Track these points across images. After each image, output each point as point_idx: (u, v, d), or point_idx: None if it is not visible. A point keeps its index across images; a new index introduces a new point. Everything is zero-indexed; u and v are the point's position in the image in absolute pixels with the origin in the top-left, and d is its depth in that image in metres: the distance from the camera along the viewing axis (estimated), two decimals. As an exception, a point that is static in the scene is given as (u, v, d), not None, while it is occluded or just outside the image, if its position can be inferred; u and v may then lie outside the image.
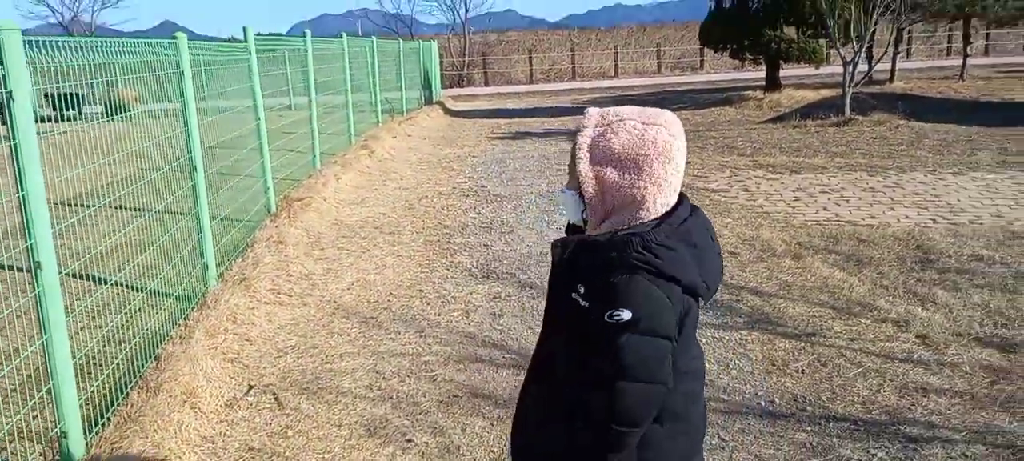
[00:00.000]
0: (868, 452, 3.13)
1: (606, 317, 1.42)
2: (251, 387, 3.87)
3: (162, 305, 4.41)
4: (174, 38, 4.98)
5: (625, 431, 1.47)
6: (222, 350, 4.18)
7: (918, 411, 3.43)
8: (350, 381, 3.98)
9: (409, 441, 3.37)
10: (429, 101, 20.80)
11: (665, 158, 1.49)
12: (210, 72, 6.39)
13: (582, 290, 1.49)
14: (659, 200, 1.50)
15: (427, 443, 3.35)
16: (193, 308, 4.61)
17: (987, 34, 30.20)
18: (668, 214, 1.53)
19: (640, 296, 1.42)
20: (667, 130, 1.50)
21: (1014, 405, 3.41)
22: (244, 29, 7.35)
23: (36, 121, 2.85)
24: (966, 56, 20.39)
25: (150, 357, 3.87)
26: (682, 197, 1.57)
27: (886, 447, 3.16)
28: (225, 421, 3.56)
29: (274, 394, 3.83)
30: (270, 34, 8.13)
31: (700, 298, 1.53)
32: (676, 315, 1.47)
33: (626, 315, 1.41)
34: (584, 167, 1.52)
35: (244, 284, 5.05)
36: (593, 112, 1.57)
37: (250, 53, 7.07)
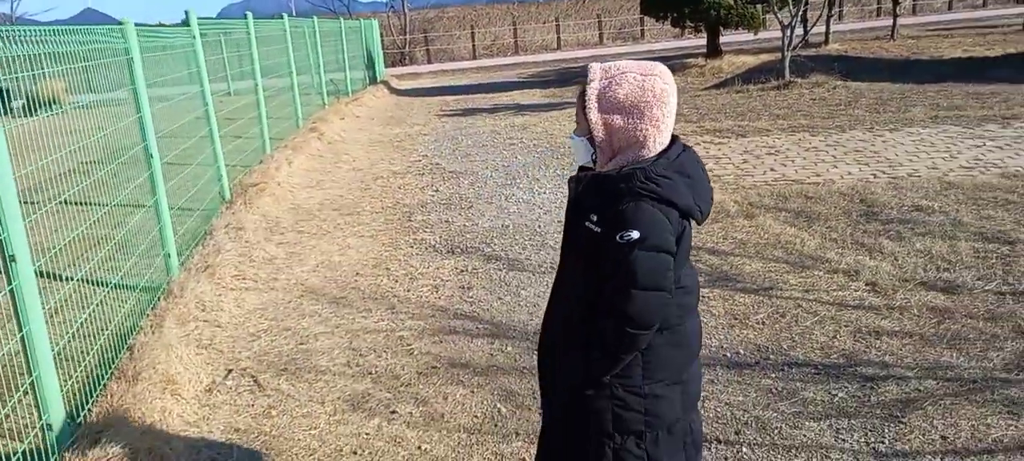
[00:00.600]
0: (829, 392, 3.34)
1: (618, 238, 1.67)
2: (229, 371, 3.88)
3: (128, 298, 4.35)
4: (121, 24, 4.87)
5: (637, 333, 1.72)
6: (194, 337, 4.17)
7: (872, 353, 3.65)
8: (327, 360, 4.02)
9: (393, 412, 3.44)
10: (373, 81, 20.57)
11: (662, 103, 1.73)
12: (155, 59, 6.25)
13: (595, 218, 1.73)
14: (657, 140, 1.75)
15: (411, 413, 3.43)
16: (160, 298, 4.56)
17: (913, -5, 31.29)
18: (664, 151, 1.77)
19: (645, 218, 1.67)
20: (661, 79, 1.75)
21: (959, 342, 3.67)
22: (186, 12, 7.19)
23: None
24: (896, 16, 21.14)
25: (122, 349, 3.84)
26: (674, 137, 1.81)
27: (845, 387, 3.37)
28: (207, 406, 3.57)
29: (253, 377, 3.85)
30: (201, 18, 7.90)
31: (693, 220, 1.79)
32: (674, 234, 1.72)
33: (635, 234, 1.66)
34: (594, 115, 1.75)
35: (208, 272, 5.01)
36: (597, 67, 1.78)
37: (194, 37, 6.93)
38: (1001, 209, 5.52)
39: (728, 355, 3.75)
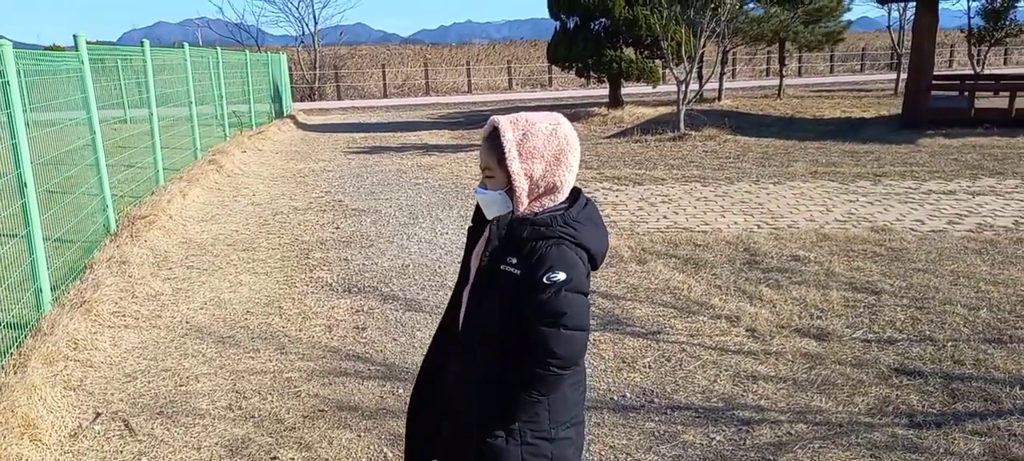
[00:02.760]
0: (708, 436, 3.47)
1: (544, 279, 1.74)
2: (98, 415, 3.66)
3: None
4: (-2, 45, 4.62)
5: (563, 373, 1.80)
6: (63, 378, 3.92)
7: (749, 397, 3.82)
8: (207, 403, 3.86)
9: (274, 459, 3.33)
10: (280, 114, 20.15)
11: (574, 149, 1.85)
12: (37, 83, 5.94)
13: (513, 261, 1.79)
14: (569, 182, 1.85)
15: (293, 459, 3.33)
16: (26, 336, 4.27)
17: (800, 57, 33.53)
18: (573, 199, 1.88)
19: (568, 260, 1.76)
20: (567, 127, 1.85)
21: (828, 387, 3.89)
22: (75, 36, 6.88)
23: None
24: (782, 76, 22.57)
25: (-21, 390, 3.56)
26: (576, 188, 1.92)
27: (723, 430, 3.51)
28: (70, 452, 3.35)
29: (124, 420, 3.64)
30: (99, 42, 7.60)
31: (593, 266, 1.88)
32: (587, 277, 1.83)
33: (561, 276, 1.74)
34: (515, 165, 1.80)
35: (84, 308, 4.74)
36: (501, 120, 1.85)
37: (82, 62, 6.63)
38: (870, 261, 5.92)
39: (615, 398, 3.84)
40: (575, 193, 1.90)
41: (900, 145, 12.05)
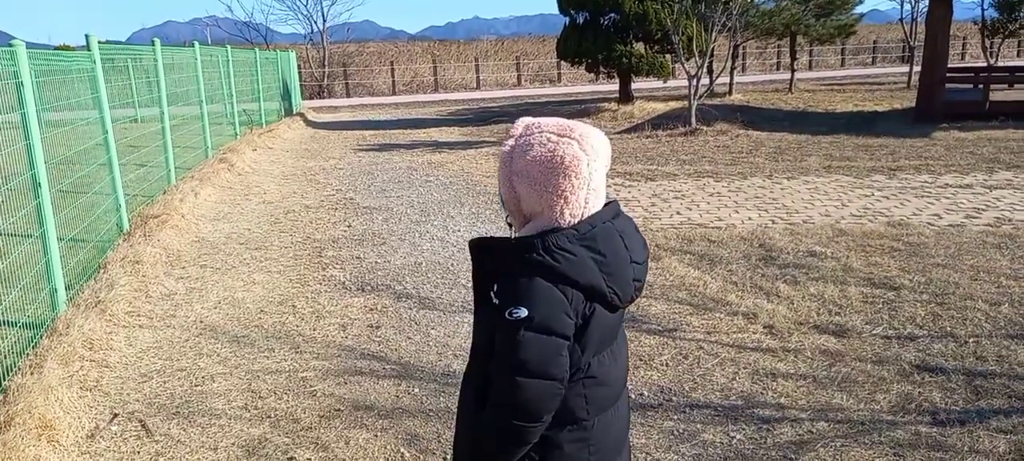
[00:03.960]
0: (728, 434, 3.43)
1: (507, 314, 1.50)
2: (115, 415, 3.65)
3: (7, 335, 4.06)
4: (11, 46, 4.62)
5: (523, 426, 1.53)
6: (79, 378, 3.92)
7: (769, 395, 3.78)
8: (223, 402, 3.85)
9: (291, 459, 3.32)
10: (289, 112, 20.18)
11: (571, 173, 1.54)
12: (49, 83, 5.95)
13: (496, 288, 1.56)
14: (566, 212, 1.56)
15: (310, 459, 3.31)
16: (42, 336, 4.27)
17: (810, 50, 33.31)
18: (591, 218, 1.59)
19: (536, 296, 1.50)
20: (577, 145, 1.55)
21: (849, 384, 3.84)
22: (87, 36, 6.89)
23: None
24: (793, 70, 22.40)
25: (-4, 391, 3.56)
26: (611, 203, 1.65)
27: (743, 429, 3.47)
28: (87, 453, 3.35)
29: (141, 421, 3.64)
30: (109, 42, 7.62)
31: (611, 304, 1.60)
32: (574, 316, 1.53)
33: (523, 313, 1.49)
34: (503, 176, 1.61)
35: (99, 308, 4.74)
36: (521, 122, 1.64)
37: (94, 62, 6.64)
38: (887, 256, 5.86)
39: (632, 397, 3.80)
40: (605, 208, 1.63)
41: (915, 139, 11.94)
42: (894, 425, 3.45)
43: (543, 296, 1.50)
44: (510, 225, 1.69)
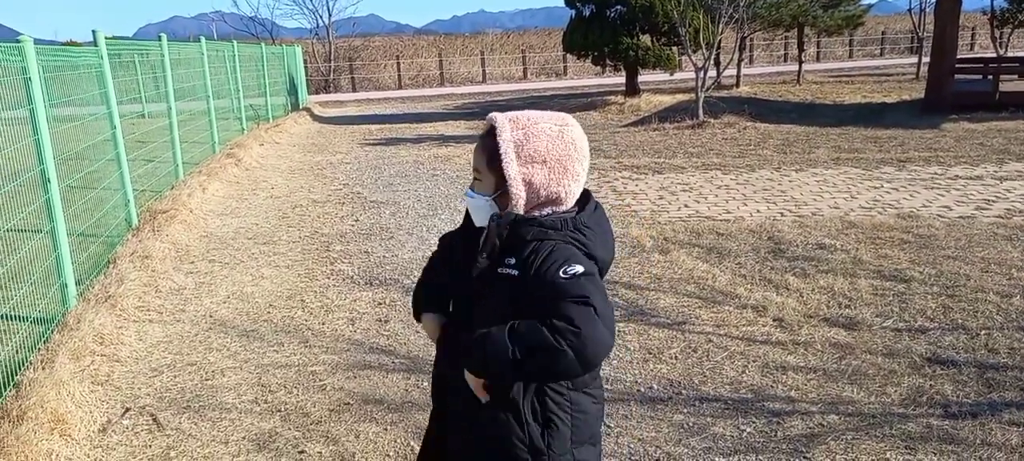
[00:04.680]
0: (738, 428, 3.42)
1: (561, 273, 1.53)
2: (127, 409, 3.67)
3: (18, 330, 4.08)
4: (19, 41, 4.62)
5: (578, 368, 1.50)
6: (90, 373, 3.93)
7: (779, 388, 3.77)
8: (234, 396, 3.86)
9: (302, 452, 3.32)
10: (296, 107, 20.20)
11: (582, 156, 1.66)
12: (57, 79, 5.96)
13: (512, 261, 1.60)
14: (575, 193, 1.67)
15: (321, 453, 3.32)
16: (53, 331, 4.29)
17: (818, 42, 33.15)
18: (582, 204, 1.70)
19: (580, 259, 1.58)
20: (576, 130, 1.66)
21: (859, 377, 3.83)
22: (94, 32, 6.91)
23: None
24: (801, 62, 22.29)
25: (8, 386, 3.58)
26: (585, 191, 1.74)
27: (753, 422, 3.46)
28: (100, 447, 3.36)
29: (152, 415, 3.65)
30: (115, 38, 7.62)
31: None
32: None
33: (580, 268, 1.54)
34: (512, 168, 1.61)
35: (109, 302, 4.76)
36: (500, 117, 1.67)
37: (102, 58, 6.65)
38: (897, 248, 5.83)
39: (642, 390, 3.80)
40: (584, 196, 1.73)
41: (924, 130, 11.86)
42: (905, 418, 3.43)
43: (585, 261, 1.59)
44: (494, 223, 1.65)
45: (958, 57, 14.75)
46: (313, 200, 8.66)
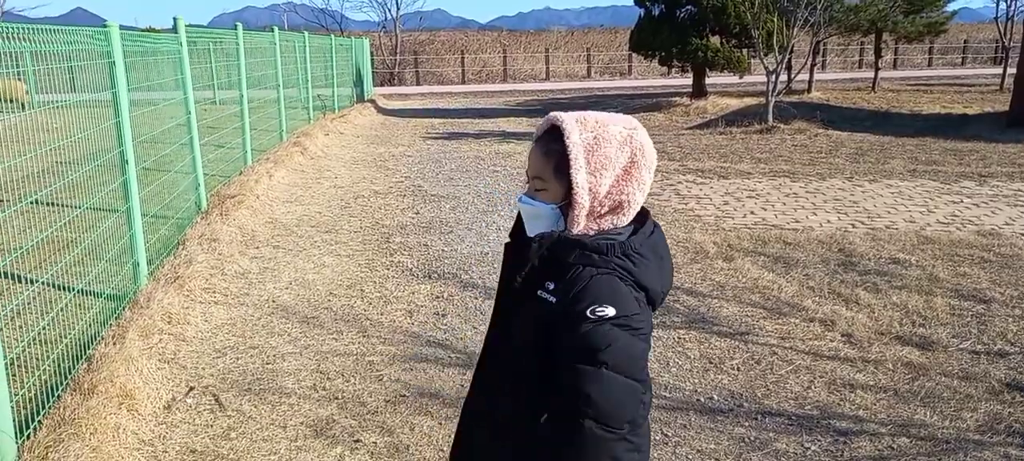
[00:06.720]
0: (802, 445, 3.30)
1: (589, 313, 1.41)
2: (191, 388, 3.76)
3: (92, 305, 4.23)
4: (105, 27, 4.79)
5: (607, 435, 1.42)
6: (157, 351, 4.05)
7: (846, 406, 3.62)
8: (293, 382, 3.92)
9: (357, 441, 3.35)
10: (361, 99, 20.52)
11: (650, 163, 1.50)
12: (138, 63, 6.16)
13: (551, 287, 1.47)
14: (639, 202, 1.51)
15: (375, 443, 3.34)
16: (125, 308, 4.44)
17: (896, 48, 31.94)
18: (639, 223, 1.54)
19: (623, 297, 1.43)
20: (643, 134, 1.50)
21: (933, 400, 3.65)
22: (174, 19, 7.12)
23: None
24: (877, 69, 21.51)
25: (81, 359, 3.71)
26: (643, 209, 1.57)
27: (818, 440, 3.33)
28: (164, 424, 3.45)
29: (214, 395, 3.73)
30: (191, 26, 7.85)
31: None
32: (649, 321, 1.49)
33: (610, 311, 1.40)
34: (581, 176, 1.45)
35: (178, 283, 4.90)
36: (567, 118, 1.49)
37: (181, 44, 6.86)
38: (977, 267, 5.55)
39: (702, 400, 3.70)
40: (642, 215, 1.55)
41: (1007, 144, 11.29)
42: (981, 445, 3.26)
43: (625, 297, 1.44)
44: (561, 230, 1.52)
45: (1048, 68, 13.96)
46: (375, 191, 8.77)
